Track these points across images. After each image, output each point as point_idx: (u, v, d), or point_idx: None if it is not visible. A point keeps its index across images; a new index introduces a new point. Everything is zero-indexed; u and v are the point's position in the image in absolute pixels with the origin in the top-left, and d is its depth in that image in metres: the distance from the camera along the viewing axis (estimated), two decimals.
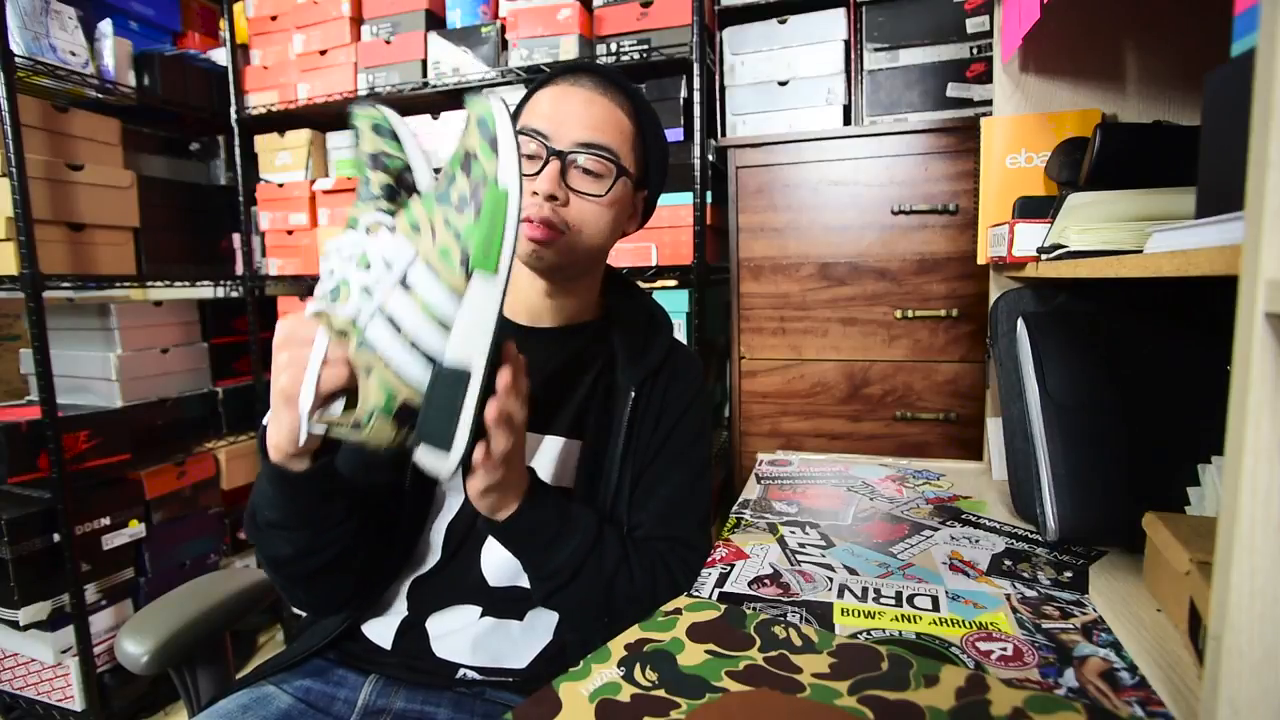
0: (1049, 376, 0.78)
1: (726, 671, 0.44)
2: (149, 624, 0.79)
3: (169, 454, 1.79)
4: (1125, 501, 0.70)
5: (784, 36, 1.49)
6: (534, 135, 0.70)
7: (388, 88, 1.72)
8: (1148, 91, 0.94)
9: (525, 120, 0.72)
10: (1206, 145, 0.47)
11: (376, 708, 0.70)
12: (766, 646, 0.48)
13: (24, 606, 1.47)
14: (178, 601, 0.84)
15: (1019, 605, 0.62)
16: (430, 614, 0.73)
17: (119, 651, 0.77)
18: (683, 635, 0.48)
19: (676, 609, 0.52)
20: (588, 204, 0.71)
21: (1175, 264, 0.47)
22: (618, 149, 0.72)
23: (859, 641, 0.50)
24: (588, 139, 0.70)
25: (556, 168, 0.69)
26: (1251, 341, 0.36)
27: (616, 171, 0.72)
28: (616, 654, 0.45)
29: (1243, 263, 0.37)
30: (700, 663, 0.45)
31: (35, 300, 1.44)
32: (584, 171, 0.71)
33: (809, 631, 0.50)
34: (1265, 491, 0.37)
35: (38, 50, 1.50)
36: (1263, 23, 0.35)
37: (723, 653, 0.46)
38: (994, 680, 0.46)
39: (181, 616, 0.81)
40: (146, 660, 0.76)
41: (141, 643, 0.77)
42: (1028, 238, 0.81)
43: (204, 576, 0.91)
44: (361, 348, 0.49)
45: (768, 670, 0.45)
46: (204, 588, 0.87)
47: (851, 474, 1.08)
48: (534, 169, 0.70)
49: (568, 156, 0.70)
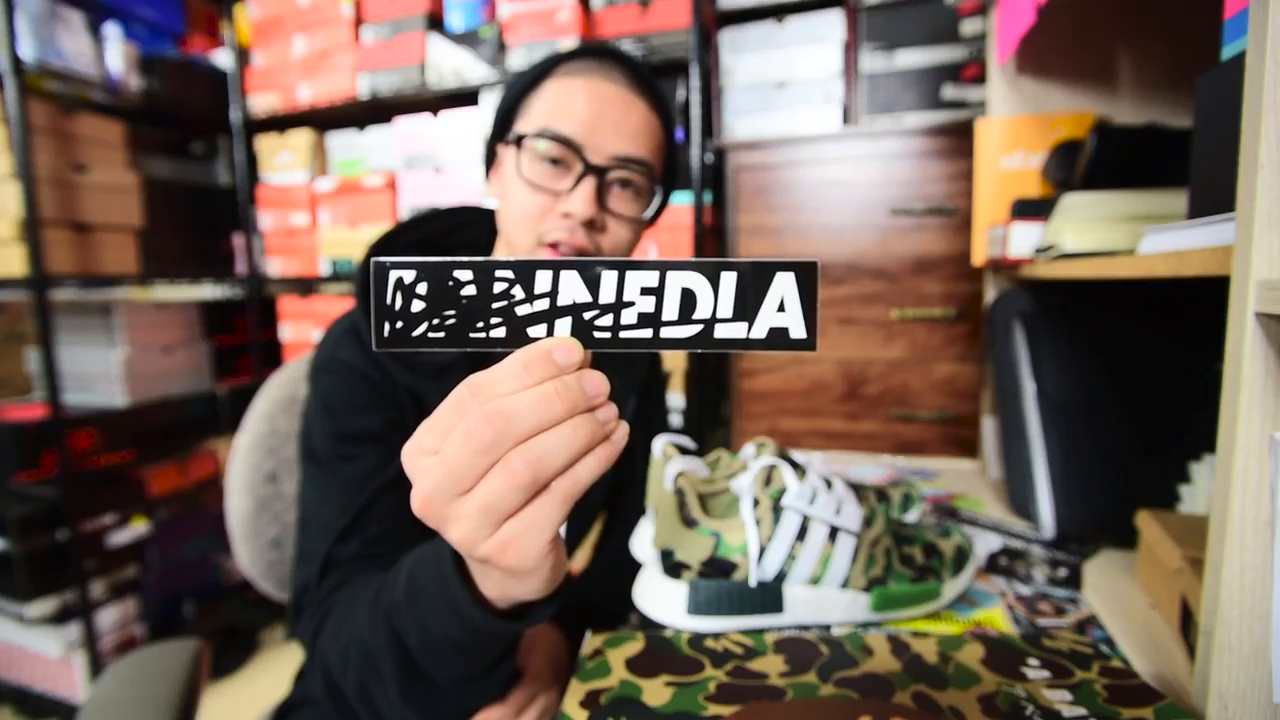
0: (1044, 376, 0.78)
1: (703, 698, 0.42)
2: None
3: (172, 452, 1.80)
4: (1119, 499, 0.71)
5: (782, 38, 1.49)
6: (563, 142, 0.60)
7: (388, 89, 1.73)
8: (1141, 94, 0.95)
9: (547, 119, 0.61)
10: (1198, 147, 0.48)
11: None
12: (717, 663, 0.46)
13: (31, 602, 1.48)
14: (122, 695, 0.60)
15: (1014, 602, 0.63)
16: None
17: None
18: (628, 674, 0.44)
19: (596, 650, 0.47)
20: (623, 227, 0.64)
21: (1168, 264, 0.48)
22: (655, 162, 0.65)
23: (786, 635, 0.51)
24: (629, 152, 0.62)
25: (593, 186, 0.60)
26: (1242, 341, 0.36)
27: (654, 188, 0.65)
28: (578, 718, 0.40)
29: (1234, 263, 0.37)
30: (671, 698, 0.42)
31: (41, 300, 1.45)
32: (622, 186, 0.63)
33: (741, 638, 0.49)
34: (1256, 489, 0.37)
35: (45, 55, 1.51)
36: (1251, 27, 0.35)
37: (684, 680, 0.43)
38: (908, 637, 0.49)
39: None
40: None
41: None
42: (1023, 238, 0.81)
43: (119, 669, 0.63)
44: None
45: (740, 685, 0.43)
46: (135, 692, 0.60)
47: (849, 473, 1.09)
48: (564, 183, 0.61)
49: (607, 174, 0.61)
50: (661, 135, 0.67)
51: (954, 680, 0.43)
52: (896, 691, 0.42)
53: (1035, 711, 0.40)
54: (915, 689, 0.42)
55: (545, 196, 0.61)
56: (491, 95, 1.66)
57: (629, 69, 0.65)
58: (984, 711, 0.40)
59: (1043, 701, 0.41)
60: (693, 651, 0.48)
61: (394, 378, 0.63)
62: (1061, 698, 0.41)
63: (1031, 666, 0.45)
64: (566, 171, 0.61)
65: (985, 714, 0.40)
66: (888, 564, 0.56)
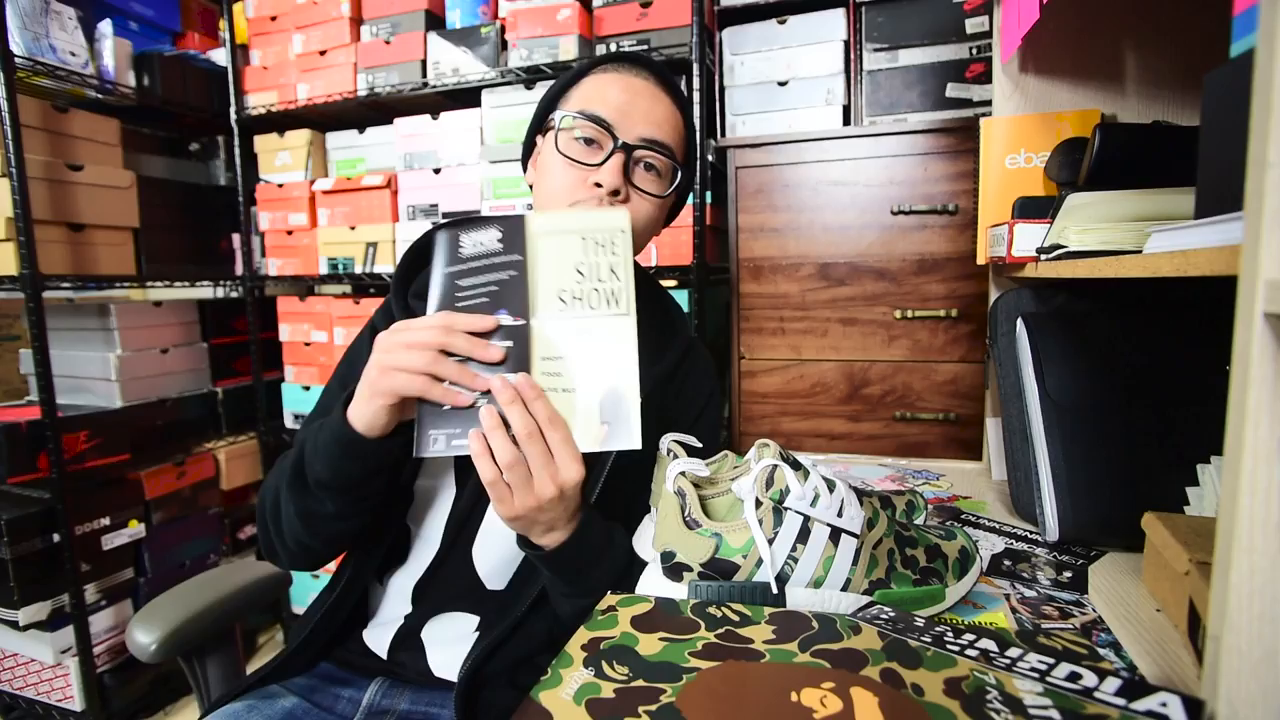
0: (1048, 376, 0.78)
1: (689, 653, 0.46)
2: (159, 613, 0.82)
3: (168, 454, 1.79)
4: (1125, 501, 0.70)
5: (784, 37, 1.49)
6: (598, 122, 0.68)
7: (387, 88, 1.72)
8: (1147, 91, 0.94)
9: (584, 104, 0.70)
10: (1206, 145, 0.47)
11: (380, 708, 0.70)
12: (711, 626, 0.50)
13: (24, 607, 1.47)
14: (186, 593, 0.86)
15: (1018, 605, 0.62)
16: (429, 619, 0.72)
17: (130, 639, 0.79)
18: (630, 628, 0.50)
19: (610, 606, 0.53)
20: (646, 203, 0.71)
21: (1174, 264, 0.47)
22: (677, 150, 0.72)
23: (784, 609, 0.53)
24: (654, 135, 0.69)
25: (621, 161, 0.68)
26: (1251, 342, 0.36)
27: (675, 171, 0.72)
28: (577, 656, 0.46)
29: (1242, 263, 0.37)
30: (661, 650, 0.47)
31: (35, 300, 1.44)
32: (647, 168, 0.70)
33: (740, 608, 0.53)
34: (1264, 491, 0.37)
35: (38, 50, 1.50)
36: (1261, 23, 0.35)
37: (677, 637, 0.48)
38: None
39: (190, 606, 0.83)
40: (155, 647, 0.78)
41: (151, 631, 0.79)
42: (1027, 238, 0.80)
43: (211, 570, 0.93)
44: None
45: (725, 645, 0.47)
46: (212, 580, 0.90)
47: (851, 474, 1.08)
48: (596, 159, 0.68)
49: (634, 151, 0.69)
50: (684, 130, 0.75)
51: (929, 663, 0.44)
52: (867, 666, 0.44)
53: (997, 697, 0.40)
54: (887, 666, 0.44)
55: (579, 169, 0.69)
56: (492, 94, 1.66)
57: (657, 72, 0.73)
58: (945, 692, 0.41)
59: (1009, 689, 0.41)
60: (693, 616, 0.52)
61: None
62: (1030, 688, 0.41)
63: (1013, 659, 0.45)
64: (599, 150, 0.69)
65: (946, 694, 0.41)
66: (890, 565, 0.56)
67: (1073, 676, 0.43)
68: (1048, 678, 0.43)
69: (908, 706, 0.40)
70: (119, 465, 1.65)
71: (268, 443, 2.04)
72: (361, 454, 0.59)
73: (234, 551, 2.01)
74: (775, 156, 1.40)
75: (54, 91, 1.67)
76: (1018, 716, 0.39)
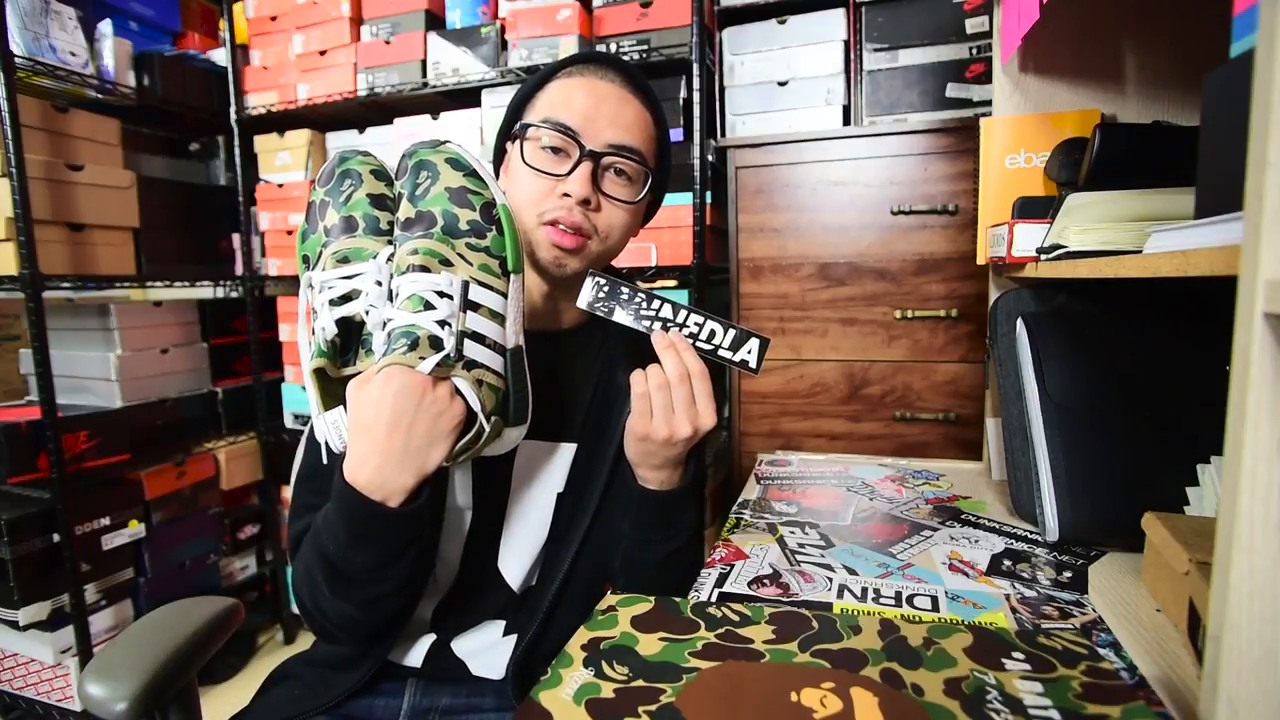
0: (1048, 377, 0.78)
1: (689, 653, 0.46)
2: (116, 666, 0.64)
3: (168, 454, 1.79)
4: (1125, 501, 0.70)
5: (783, 37, 1.49)
6: (563, 131, 0.66)
7: (387, 88, 1.72)
8: (1147, 92, 0.94)
9: (549, 111, 0.68)
10: (1206, 145, 0.47)
11: (422, 708, 0.69)
12: (712, 626, 0.50)
13: (24, 607, 1.46)
14: (140, 637, 0.69)
15: (1018, 605, 0.62)
16: (455, 636, 0.72)
17: (85, 698, 0.62)
18: (630, 628, 0.50)
19: (610, 606, 0.54)
20: (617, 209, 0.69)
21: (1174, 264, 0.47)
22: (647, 153, 0.70)
23: (784, 610, 0.53)
24: (622, 140, 0.67)
25: (589, 170, 0.66)
26: (1251, 342, 0.36)
27: (646, 176, 0.70)
28: (577, 657, 0.46)
29: (1242, 263, 0.37)
30: (661, 650, 0.47)
31: (35, 300, 1.44)
32: (616, 174, 0.69)
33: (740, 608, 0.53)
34: (1264, 492, 0.37)
35: (38, 50, 1.50)
36: (1262, 23, 0.35)
37: (676, 638, 0.49)
38: (900, 621, 0.51)
39: (152, 654, 0.66)
40: (123, 709, 0.61)
41: (113, 688, 0.62)
42: (1027, 238, 0.80)
43: (160, 610, 0.74)
44: (471, 369, 0.56)
45: (725, 646, 0.47)
46: (165, 621, 0.72)
47: (851, 474, 1.08)
48: (562, 168, 0.66)
49: (601, 158, 0.67)
50: (654, 131, 0.72)
51: (929, 663, 0.44)
52: (867, 666, 0.44)
53: (997, 697, 0.40)
54: (886, 666, 0.44)
55: (546, 180, 0.67)
56: (492, 94, 1.65)
57: (624, 72, 0.71)
58: (945, 692, 0.41)
59: (1010, 690, 0.41)
60: (694, 616, 0.52)
61: None
62: (1030, 689, 0.41)
63: (1014, 659, 0.45)
64: (566, 159, 0.67)
65: (946, 694, 0.41)
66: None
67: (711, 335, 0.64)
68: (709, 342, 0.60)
69: (908, 706, 0.40)
70: (119, 465, 1.65)
71: (268, 443, 2.04)
72: (402, 523, 0.57)
73: (234, 551, 2.01)
74: (775, 156, 1.40)
75: (54, 91, 1.67)
76: (1018, 716, 0.39)
